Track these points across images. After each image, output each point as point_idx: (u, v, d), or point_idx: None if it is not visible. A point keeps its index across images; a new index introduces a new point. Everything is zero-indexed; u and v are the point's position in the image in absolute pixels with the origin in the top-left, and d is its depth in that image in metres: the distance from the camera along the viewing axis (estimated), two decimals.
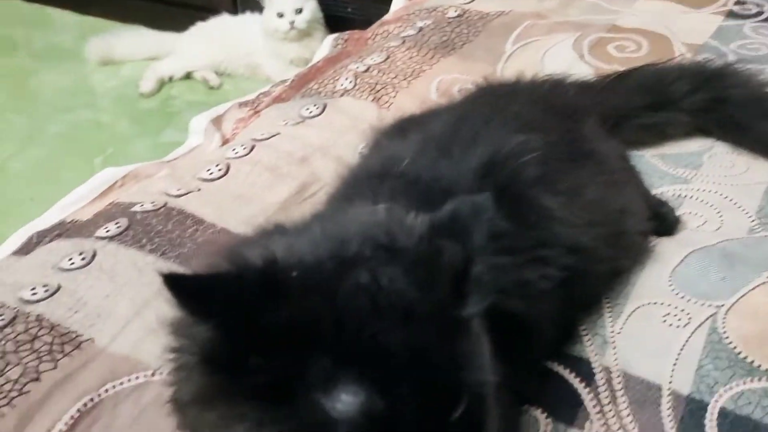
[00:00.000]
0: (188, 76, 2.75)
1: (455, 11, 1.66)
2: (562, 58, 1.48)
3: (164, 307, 0.55)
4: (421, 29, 1.59)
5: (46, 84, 2.72)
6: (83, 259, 0.99)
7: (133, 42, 2.84)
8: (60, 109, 2.57)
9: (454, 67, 1.46)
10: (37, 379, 0.82)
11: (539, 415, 0.82)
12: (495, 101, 1.02)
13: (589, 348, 0.88)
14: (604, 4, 1.67)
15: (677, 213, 1.08)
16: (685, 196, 1.12)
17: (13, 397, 0.80)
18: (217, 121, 1.43)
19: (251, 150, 1.20)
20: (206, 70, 2.73)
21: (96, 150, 2.36)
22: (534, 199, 0.82)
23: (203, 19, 2.80)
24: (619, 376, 0.85)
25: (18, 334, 0.87)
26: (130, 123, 2.54)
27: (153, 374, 0.85)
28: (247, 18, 2.78)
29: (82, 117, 2.54)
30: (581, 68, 1.43)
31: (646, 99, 1.17)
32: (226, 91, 2.70)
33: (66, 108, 2.57)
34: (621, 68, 1.36)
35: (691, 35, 1.51)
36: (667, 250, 1.01)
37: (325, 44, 1.75)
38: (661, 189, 1.13)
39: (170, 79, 2.73)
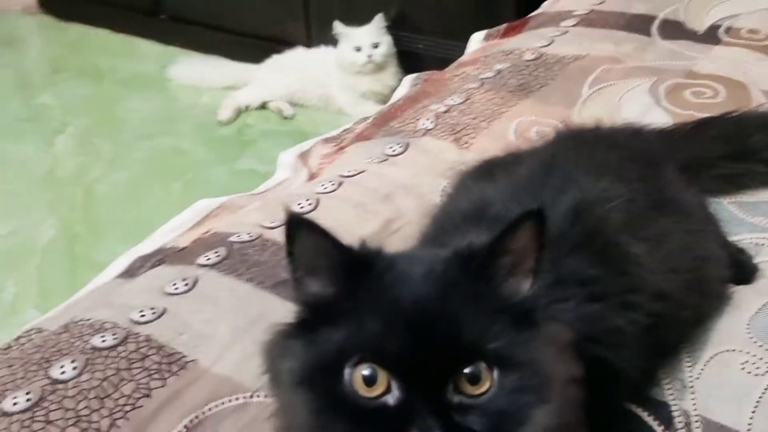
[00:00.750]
0: (263, 105, 2.86)
1: (532, 54, 1.70)
2: (638, 103, 1.51)
3: (261, 333, 0.67)
4: (499, 71, 1.64)
5: (130, 111, 2.87)
6: (186, 285, 1.06)
7: (212, 71, 2.98)
8: (143, 135, 2.71)
9: (531, 110, 1.50)
10: (148, 396, 0.89)
11: None
12: (578, 147, 1.05)
13: (668, 392, 0.91)
14: (680, 49, 1.69)
15: (755, 261, 1.10)
16: (763, 245, 1.13)
17: (127, 411, 0.87)
18: (303, 156, 1.50)
19: (339, 186, 1.27)
20: (281, 101, 2.84)
21: (175, 175, 2.48)
22: (621, 245, 0.86)
23: (279, 51, 2.91)
24: (698, 421, 0.88)
25: (130, 353, 0.94)
26: (207, 150, 2.66)
27: (252, 396, 0.91)
28: (322, 51, 2.88)
29: (163, 143, 2.68)
30: (657, 113, 1.46)
31: (726, 149, 1.19)
32: (299, 121, 2.81)
33: (148, 134, 2.71)
34: (698, 114, 1.39)
35: None
36: (745, 298, 1.03)
37: (404, 83, 1.81)
38: (738, 237, 1.15)
39: (246, 108, 2.84)
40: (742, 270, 1.07)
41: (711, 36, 1.74)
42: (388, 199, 1.26)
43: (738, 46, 1.68)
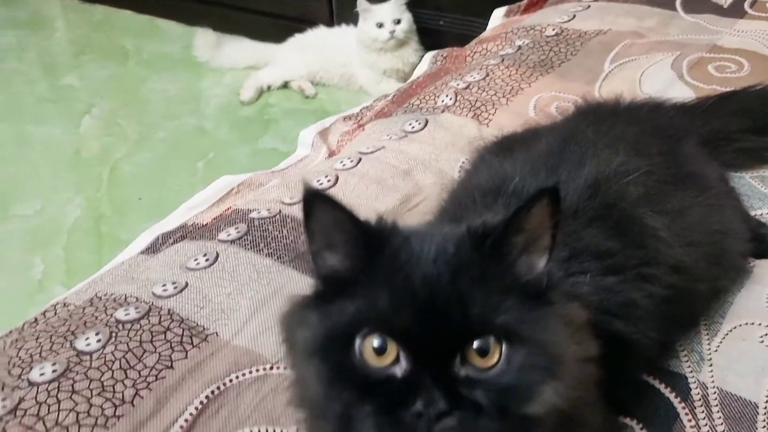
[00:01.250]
0: (285, 85, 2.87)
1: (553, 30, 1.69)
2: (660, 78, 1.49)
3: (280, 306, 0.67)
4: (519, 48, 1.63)
5: (154, 92, 2.89)
6: (207, 260, 1.08)
7: (235, 51, 2.99)
8: (166, 115, 2.73)
9: (552, 86, 1.49)
10: (170, 367, 0.91)
11: (635, 426, 0.85)
12: (598, 123, 1.05)
13: (686, 364, 0.91)
14: (704, 23, 1.67)
15: None
16: None
17: (150, 382, 0.89)
18: (323, 134, 1.50)
19: (358, 162, 1.27)
20: (302, 80, 2.84)
21: (198, 154, 2.50)
22: (639, 218, 0.86)
23: (301, 31, 2.91)
24: (714, 393, 0.88)
25: (153, 326, 0.96)
26: (230, 129, 2.67)
27: (271, 367, 0.92)
28: (343, 30, 2.88)
29: (186, 123, 2.69)
30: (680, 88, 1.45)
31: (748, 123, 1.18)
32: (321, 100, 2.81)
33: (172, 114, 2.73)
34: (721, 89, 1.38)
35: None
36: (765, 272, 1.02)
37: (425, 60, 1.80)
38: (760, 211, 1.15)
39: (268, 88, 2.85)
40: (763, 244, 1.06)
41: (736, 9, 1.72)
42: (408, 175, 1.26)
43: (763, 19, 1.66)
